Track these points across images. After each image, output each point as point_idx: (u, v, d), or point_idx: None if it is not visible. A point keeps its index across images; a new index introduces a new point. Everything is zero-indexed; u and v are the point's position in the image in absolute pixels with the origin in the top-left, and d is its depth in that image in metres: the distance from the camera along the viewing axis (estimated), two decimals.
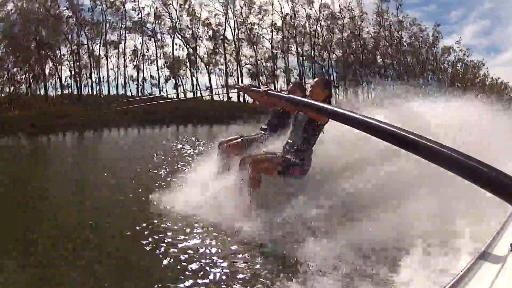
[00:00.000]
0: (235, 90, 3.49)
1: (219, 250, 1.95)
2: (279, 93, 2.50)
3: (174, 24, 26.91)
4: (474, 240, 1.57)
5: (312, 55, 28.78)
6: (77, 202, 3.17)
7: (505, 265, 0.75)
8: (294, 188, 2.51)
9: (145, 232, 2.23)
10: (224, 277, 1.65)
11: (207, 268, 1.74)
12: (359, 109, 3.08)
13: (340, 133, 2.66)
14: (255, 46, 28.30)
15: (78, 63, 25.76)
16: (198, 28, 27.64)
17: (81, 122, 15.82)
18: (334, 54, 29.18)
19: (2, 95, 23.37)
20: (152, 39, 27.44)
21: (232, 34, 28.07)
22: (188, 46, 27.58)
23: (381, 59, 29.52)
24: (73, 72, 25.92)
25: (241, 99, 26.69)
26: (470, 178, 0.74)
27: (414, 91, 3.67)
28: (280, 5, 28.19)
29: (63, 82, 25.45)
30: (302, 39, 28.59)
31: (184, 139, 9.10)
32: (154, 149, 7.06)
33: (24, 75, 24.38)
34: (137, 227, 2.32)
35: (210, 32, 27.83)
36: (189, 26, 27.39)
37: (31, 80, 24.52)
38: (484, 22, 36.98)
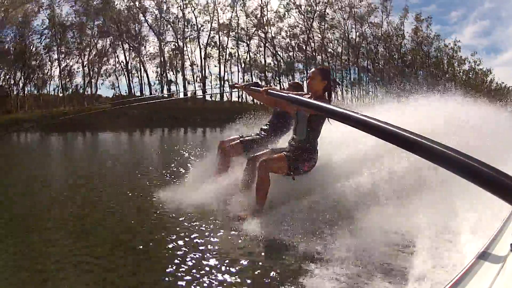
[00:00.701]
0: (236, 90, 3.48)
1: (226, 249, 1.94)
2: (279, 92, 2.49)
3: (265, 33, 29.77)
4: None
5: (367, 66, 34.01)
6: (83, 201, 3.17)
7: (505, 265, 0.75)
8: (302, 184, 2.50)
9: (149, 231, 2.24)
10: (230, 274, 1.65)
11: (214, 266, 1.73)
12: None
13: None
14: (332, 58, 32.66)
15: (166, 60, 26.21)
16: (281, 37, 31.19)
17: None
18: (382, 66, 34.28)
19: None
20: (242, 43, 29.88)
21: (310, 46, 31.85)
22: (276, 54, 30.78)
23: (413, 70, 34.16)
24: (158, 70, 26.35)
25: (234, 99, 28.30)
26: (470, 178, 0.74)
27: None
28: (345, 24, 32.49)
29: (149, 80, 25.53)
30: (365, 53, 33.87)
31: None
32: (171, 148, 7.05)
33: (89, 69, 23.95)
34: (141, 227, 2.33)
35: (293, 43, 31.61)
36: (276, 36, 30.77)
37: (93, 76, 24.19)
38: (484, 22, 36.90)
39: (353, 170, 2.57)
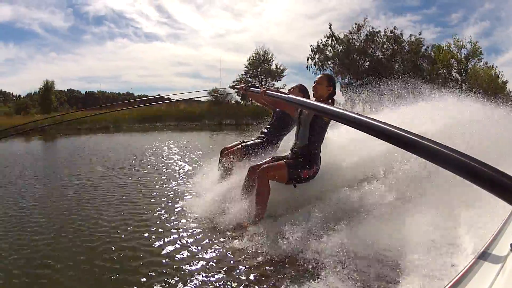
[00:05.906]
0: (235, 91, 3.48)
1: (226, 258, 1.92)
2: (278, 93, 2.48)
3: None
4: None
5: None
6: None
7: (505, 265, 0.75)
8: (304, 192, 2.46)
9: (149, 238, 2.20)
10: (230, 283, 1.63)
11: (213, 275, 1.71)
12: None
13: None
14: None
15: None
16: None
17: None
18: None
19: None
20: None
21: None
22: None
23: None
24: None
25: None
26: (470, 178, 0.74)
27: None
28: None
29: None
30: None
31: None
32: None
33: None
34: (141, 232, 2.30)
35: None
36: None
37: None
38: (484, 23, 36.81)
39: (356, 176, 2.55)
